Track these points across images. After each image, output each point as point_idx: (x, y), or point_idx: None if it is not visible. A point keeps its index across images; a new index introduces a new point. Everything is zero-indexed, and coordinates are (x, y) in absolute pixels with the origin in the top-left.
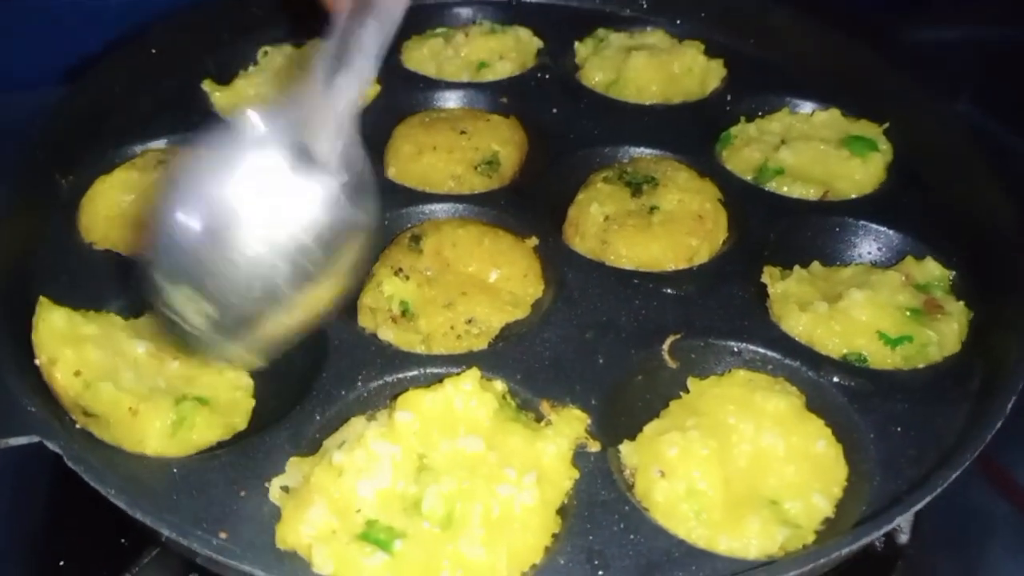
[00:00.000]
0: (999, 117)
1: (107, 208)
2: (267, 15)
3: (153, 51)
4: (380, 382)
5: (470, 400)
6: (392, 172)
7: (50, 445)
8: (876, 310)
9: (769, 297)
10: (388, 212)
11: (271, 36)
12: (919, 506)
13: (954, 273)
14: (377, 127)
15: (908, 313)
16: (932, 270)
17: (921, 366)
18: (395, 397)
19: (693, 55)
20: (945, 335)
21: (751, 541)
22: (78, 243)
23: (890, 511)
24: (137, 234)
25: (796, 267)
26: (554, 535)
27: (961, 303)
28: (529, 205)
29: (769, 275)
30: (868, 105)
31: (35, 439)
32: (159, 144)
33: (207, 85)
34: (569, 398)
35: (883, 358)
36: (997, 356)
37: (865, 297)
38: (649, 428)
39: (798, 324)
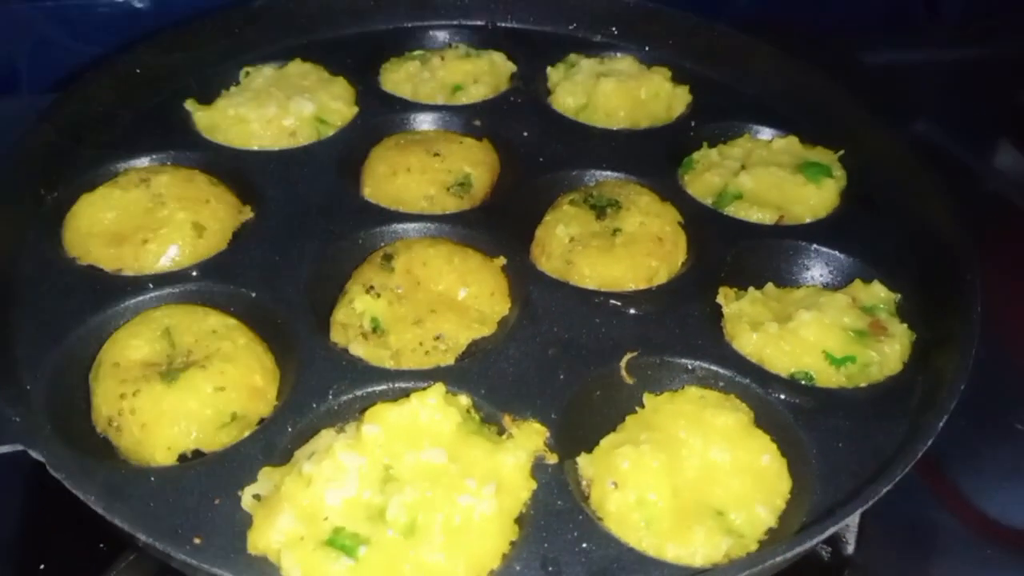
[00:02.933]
0: (956, 137)
1: (89, 224)
2: (249, 36)
3: (137, 69)
4: (350, 396)
5: (434, 414)
6: (367, 191)
7: (33, 454)
8: (823, 331)
9: (723, 317)
10: (362, 231)
11: (253, 56)
12: (853, 516)
13: (900, 296)
14: (354, 147)
15: (853, 334)
16: (878, 292)
17: (863, 385)
18: (364, 410)
19: (660, 81)
20: (887, 356)
21: (697, 549)
22: (61, 258)
23: (825, 522)
24: (119, 250)
25: (751, 288)
26: (512, 542)
27: (904, 325)
28: (498, 225)
29: (724, 296)
30: (825, 132)
31: (18, 448)
32: (142, 162)
33: (189, 104)
34: (530, 412)
35: (828, 377)
36: (936, 375)
37: (813, 318)
38: (605, 441)
39: (749, 343)
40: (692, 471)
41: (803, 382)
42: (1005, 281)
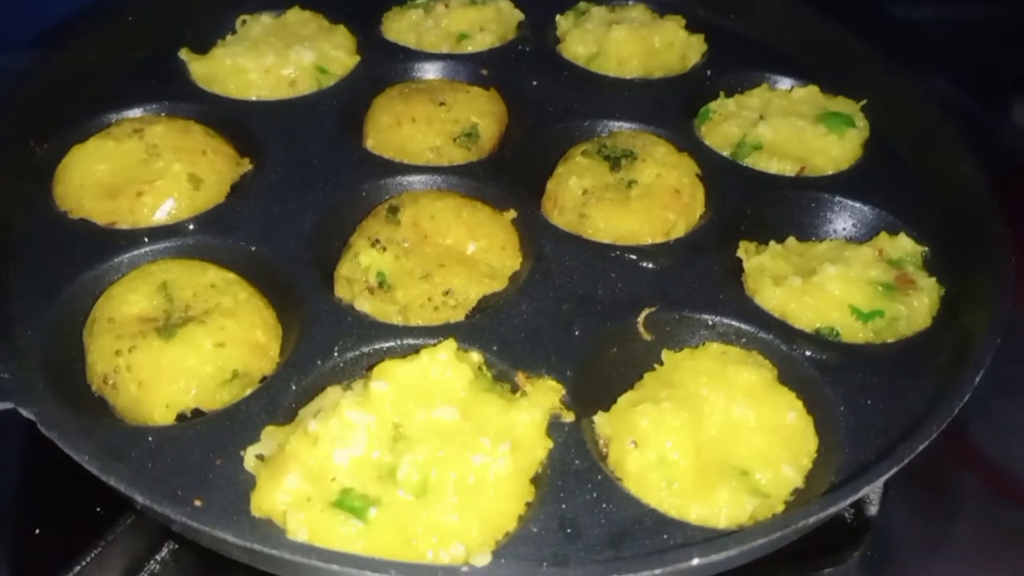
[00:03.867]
0: (973, 93)
1: (82, 177)
2: None
3: (129, 18)
4: (356, 352)
5: (446, 370)
6: (370, 143)
7: (24, 412)
8: (849, 285)
9: (744, 271)
10: (366, 183)
11: (249, 4)
12: (886, 476)
13: (927, 249)
14: (356, 97)
15: (880, 288)
16: (905, 245)
17: (891, 340)
18: (371, 367)
19: (674, 29)
20: (916, 310)
21: (721, 510)
22: (53, 211)
23: (857, 481)
24: (113, 203)
25: (771, 242)
26: (527, 503)
27: (933, 279)
28: (508, 177)
29: (744, 249)
30: (846, 82)
31: (8, 406)
32: (135, 113)
33: (184, 54)
34: (544, 369)
35: (855, 332)
36: (967, 330)
37: (838, 272)
38: (623, 399)
39: (772, 298)
40: (715, 429)
41: (829, 338)
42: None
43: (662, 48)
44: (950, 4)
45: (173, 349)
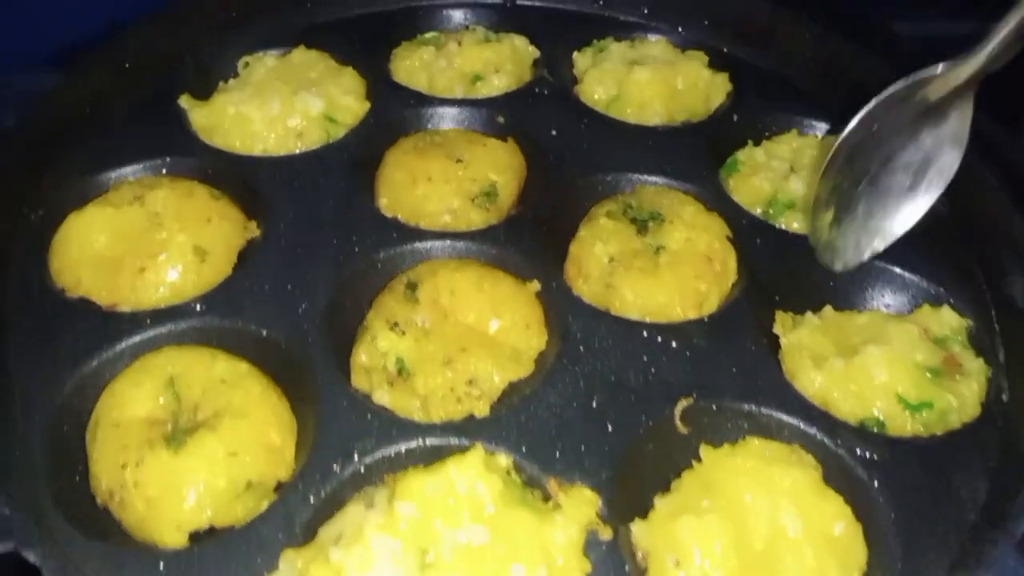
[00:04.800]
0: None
1: (79, 250)
2: (247, 17)
3: (126, 64)
4: (377, 456)
5: (474, 483)
6: (384, 202)
7: (27, 555)
8: (894, 369)
9: (781, 349)
10: (382, 251)
11: (251, 40)
12: None
13: (972, 323)
14: (368, 150)
15: (928, 374)
16: (950, 320)
17: (939, 432)
18: (392, 472)
19: (697, 69)
20: (965, 398)
21: None
22: (50, 289)
23: None
24: (114, 280)
25: (808, 314)
26: None
27: (980, 360)
28: (530, 241)
29: (781, 323)
30: None
31: (10, 546)
32: (134, 169)
33: (184, 101)
34: (578, 474)
35: (902, 423)
36: (1016, 421)
37: (882, 354)
38: (661, 505)
39: (813, 384)
40: (760, 542)
41: (874, 430)
42: None
43: (685, 89)
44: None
45: (183, 462)
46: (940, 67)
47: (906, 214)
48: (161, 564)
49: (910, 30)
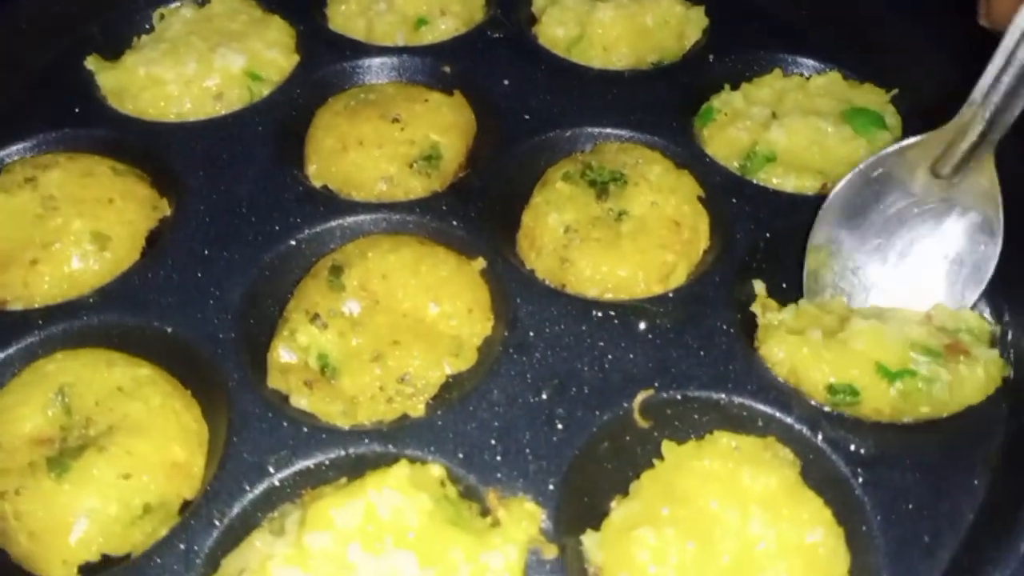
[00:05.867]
0: None
1: None
2: None
3: (22, 25)
4: (293, 470)
5: (398, 504)
6: (312, 170)
7: None
8: (879, 340)
9: (758, 328)
10: (307, 229)
11: None
12: None
13: (998, 328)
14: (296, 110)
15: (920, 350)
16: (967, 319)
17: (928, 418)
18: (312, 487)
19: (669, 3)
20: (964, 379)
21: None
22: None
23: None
24: (3, 275)
25: (797, 303)
26: None
27: (995, 352)
28: (476, 211)
29: (762, 306)
30: (873, 65)
31: None
32: (27, 146)
33: (92, 62)
34: (522, 483)
35: (878, 395)
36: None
37: (870, 326)
38: (617, 513)
39: (786, 364)
40: (728, 556)
41: (860, 418)
42: None
43: (656, 27)
44: None
45: (67, 490)
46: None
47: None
48: None
49: None
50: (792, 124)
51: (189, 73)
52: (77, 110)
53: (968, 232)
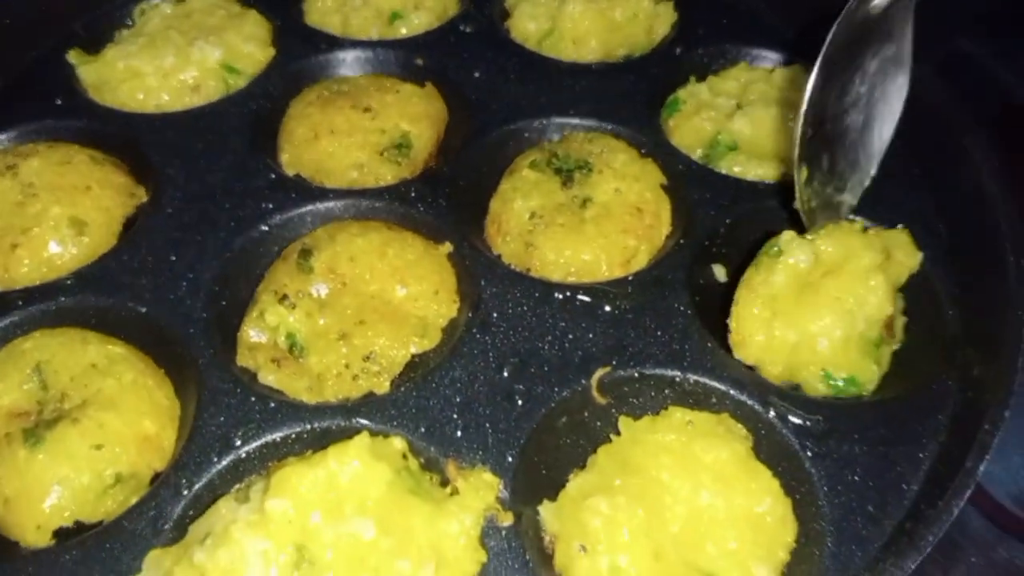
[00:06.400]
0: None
1: None
2: None
3: (6, 20)
4: (259, 442)
5: (359, 473)
6: (286, 159)
7: None
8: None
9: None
10: (278, 215)
11: None
12: None
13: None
14: (270, 102)
15: (868, 343)
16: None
17: (879, 397)
18: (277, 459)
19: None
20: (883, 360)
21: None
22: None
23: None
24: None
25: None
26: None
27: (904, 319)
28: (445, 197)
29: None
30: None
31: None
32: (8, 137)
33: (73, 56)
34: (481, 454)
35: (819, 383)
36: (976, 386)
37: (832, 324)
38: (573, 484)
39: (751, 351)
40: (678, 524)
41: (809, 396)
42: None
43: (624, 22)
44: None
45: (41, 459)
46: None
47: (865, 158)
48: (22, 567)
49: None
50: (755, 114)
51: (167, 66)
52: (59, 102)
53: (881, 67)
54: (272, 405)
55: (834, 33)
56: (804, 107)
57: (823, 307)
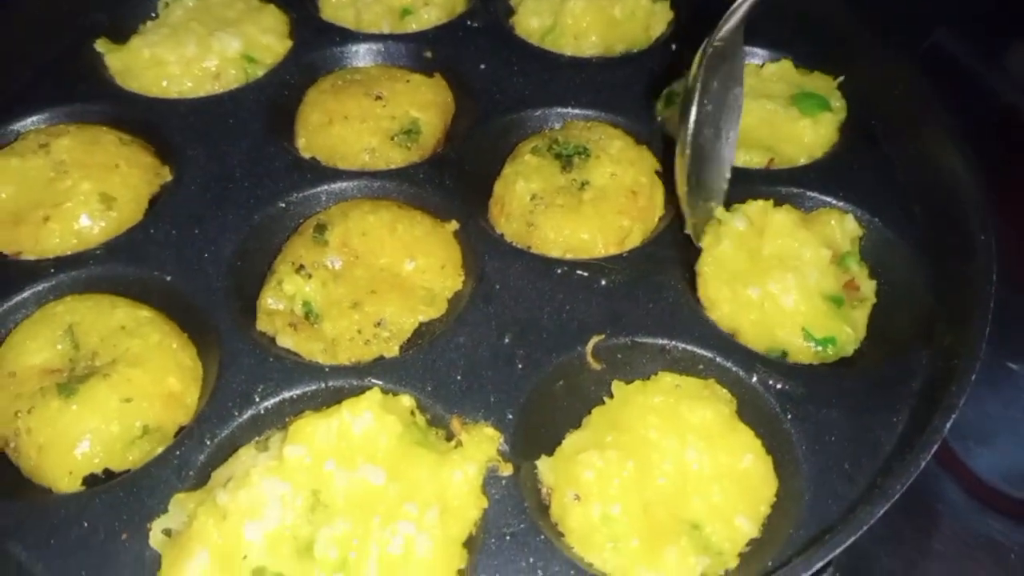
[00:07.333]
0: (971, 44)
1: None
2: None
3: (39, 10)
4: (277, 399)
5: (370, 425)
6: (302, 143)
7: None
8: (803, 304)
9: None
10: (293, 194)
11: None
12: (842, 547)
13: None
14: (287, 91)
15: (832, 302)
16: (850, 230)
17: (858, 367)
18: (294, 414)
19: None
20: (857, 323)
21: (669, 574)
22: None
23: (810, 556)
24: (18, 229)
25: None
26: (460, 571)
27: (874, 282)
28: (452, 179)
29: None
30: (823, 55)
31: None
32: (41, 118)
33: (101, 45)
34: (483, 412)
35: (803, 352)
36: (945, 356)
37: (794, 283)
38: (568, 442)
39: (725, 315)
40: (665, 478)
41: (790, 362)
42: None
43: (623, 19)
44: None
45: (74, 409)
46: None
47: (721, 164)
48: (52, 509)
49: None
50: (746, 106)
51: (189, 55)
52: (87, 88)
53: (723, 85)
54: (289, 365)
55: (702, 80)
56: (688, 150)
57: (772, 268)
